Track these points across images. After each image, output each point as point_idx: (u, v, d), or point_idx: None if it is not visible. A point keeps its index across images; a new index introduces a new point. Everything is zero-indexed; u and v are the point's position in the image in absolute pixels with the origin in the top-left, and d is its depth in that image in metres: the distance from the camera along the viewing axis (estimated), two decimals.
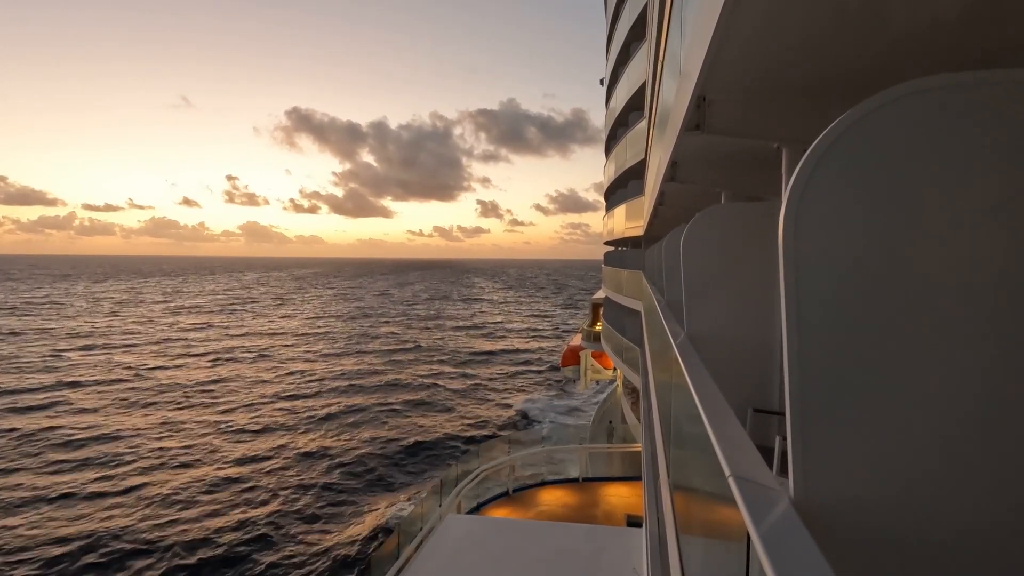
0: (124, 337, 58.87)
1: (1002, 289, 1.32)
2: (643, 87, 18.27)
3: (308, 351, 53.03)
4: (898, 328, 1.34)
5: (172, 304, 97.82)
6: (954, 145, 1.35)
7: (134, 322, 71.90)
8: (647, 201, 14.14)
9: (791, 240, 1.39)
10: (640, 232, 19.01)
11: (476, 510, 13.46)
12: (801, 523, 1.18)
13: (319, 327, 69.20)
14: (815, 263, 1.38)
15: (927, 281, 1.35)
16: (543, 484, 15.48)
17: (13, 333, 59.57)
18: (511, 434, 30.10)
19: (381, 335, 63.55)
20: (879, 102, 1.37)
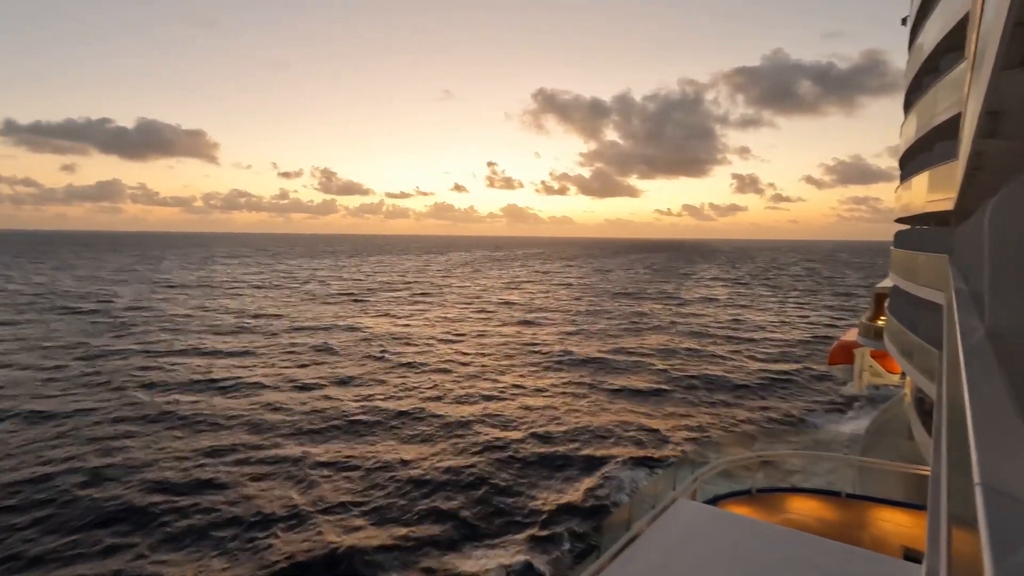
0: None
1: None
2: (964, 21, 14.32)
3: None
4: None
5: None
6: None
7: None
8: (959, 167, 11.18)
9: None
10: (948, 206, 15.16)
11: (712, 502, 12.81)
12: None
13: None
14: None
15: None
16: (794, 490, 13.84)
17: None
18: (762, 428, 27.59)
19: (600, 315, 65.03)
20: None
